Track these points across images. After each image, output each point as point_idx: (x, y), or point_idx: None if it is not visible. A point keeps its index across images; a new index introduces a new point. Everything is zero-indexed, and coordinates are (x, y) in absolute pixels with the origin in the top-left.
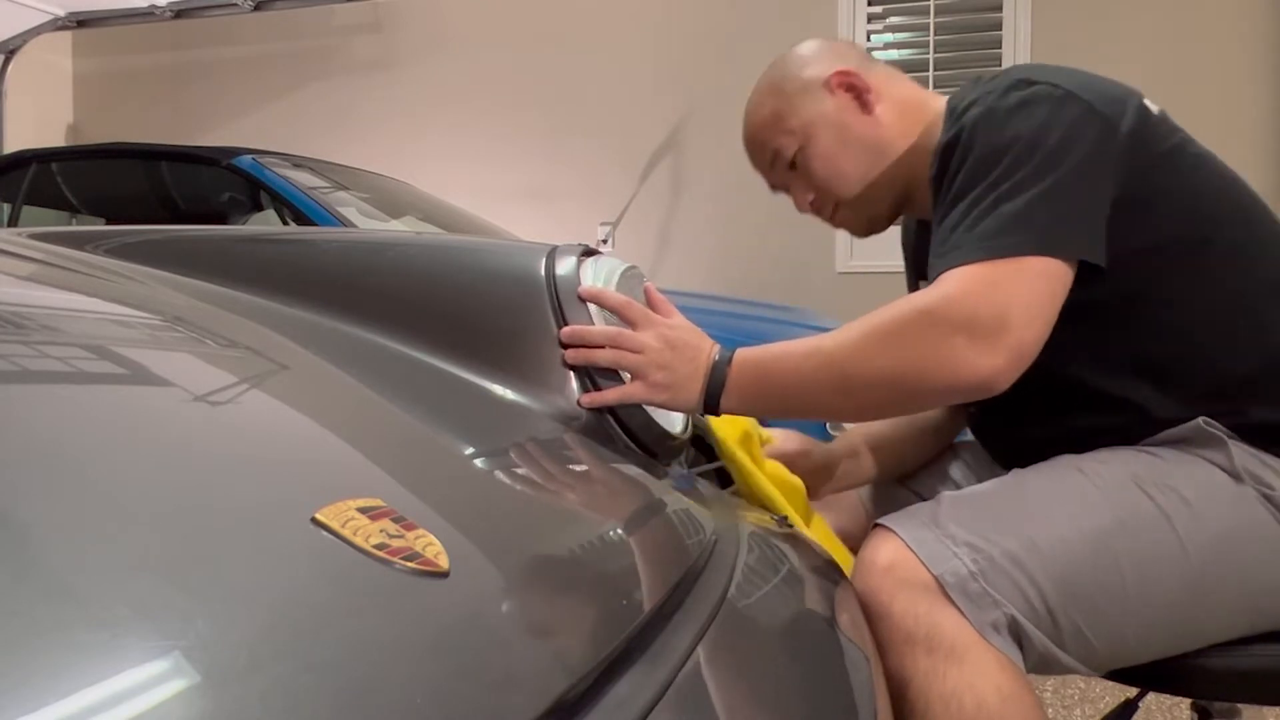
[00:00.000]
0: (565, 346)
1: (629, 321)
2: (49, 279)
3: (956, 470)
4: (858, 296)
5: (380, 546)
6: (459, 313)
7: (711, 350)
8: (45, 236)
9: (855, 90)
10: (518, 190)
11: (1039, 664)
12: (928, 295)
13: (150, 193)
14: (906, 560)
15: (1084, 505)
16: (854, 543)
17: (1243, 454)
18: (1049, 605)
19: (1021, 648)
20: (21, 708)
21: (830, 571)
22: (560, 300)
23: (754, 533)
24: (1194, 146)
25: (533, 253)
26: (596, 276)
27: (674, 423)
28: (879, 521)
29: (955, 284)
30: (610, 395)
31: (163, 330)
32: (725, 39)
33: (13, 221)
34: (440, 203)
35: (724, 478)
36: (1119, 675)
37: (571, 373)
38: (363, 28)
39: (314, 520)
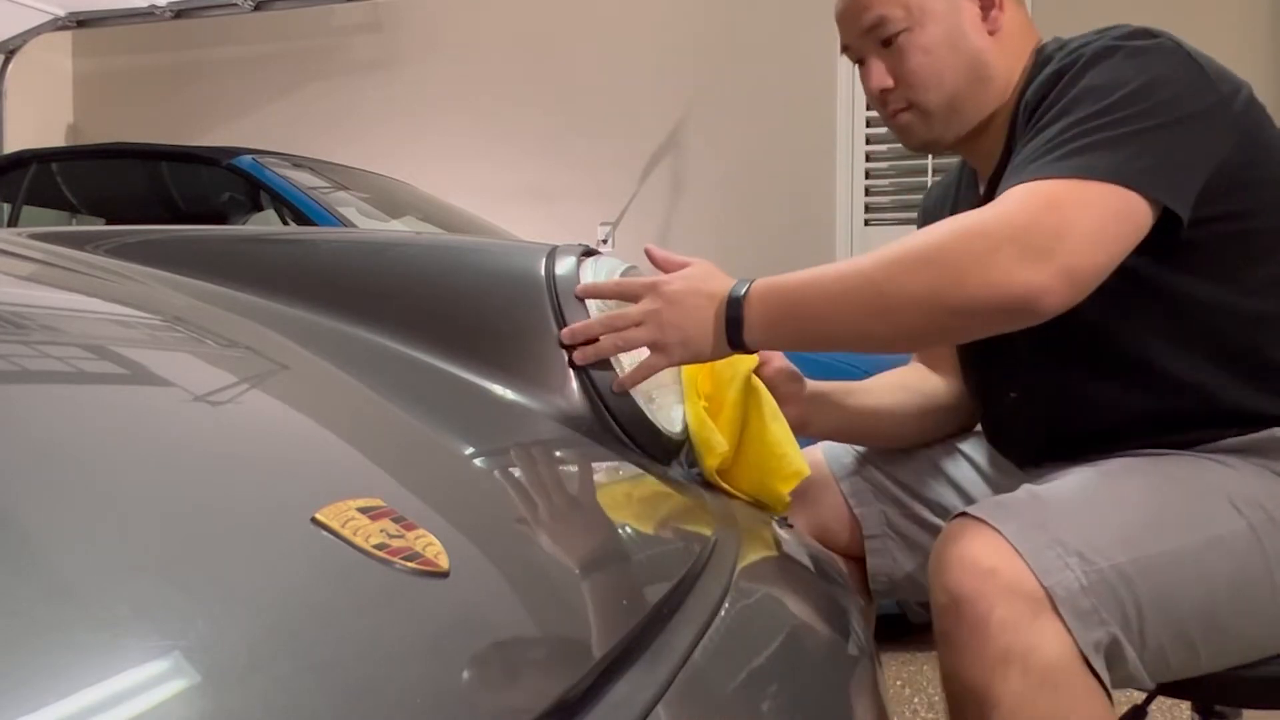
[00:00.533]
0: (569, 349)
1: (629, 299)
2: (49, 279)
3: (954, 466)
4: None
5: (380, 546)
6: (459, 313)
7: (725, 288)
8: (45, 236)
9: (988, 4)
10: (518, 190)
11: (1119, 682)
12: (980, 210)
13: (150, 193)
14: (1013, 565)
15: (1188, 521)
16: (832, 538)
17: None
18: (1143, 623)
19: (1110, 668)
20: (21, 708)
21: (831, 571)
22: (560, 300)
23: (754, 533)
24: None
25: (533, 253)
26: (596, 276)
27: (674, 422)
28: (971, 513)
29: (1014, 198)
30: (635, 375)
31: (163, 330)
32: (725, 39)
33: (13, 221)
34: (440, 203)
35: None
36: (1165, 688)
37: (572, 372)
38: (363, 28)
39: (314, 520)
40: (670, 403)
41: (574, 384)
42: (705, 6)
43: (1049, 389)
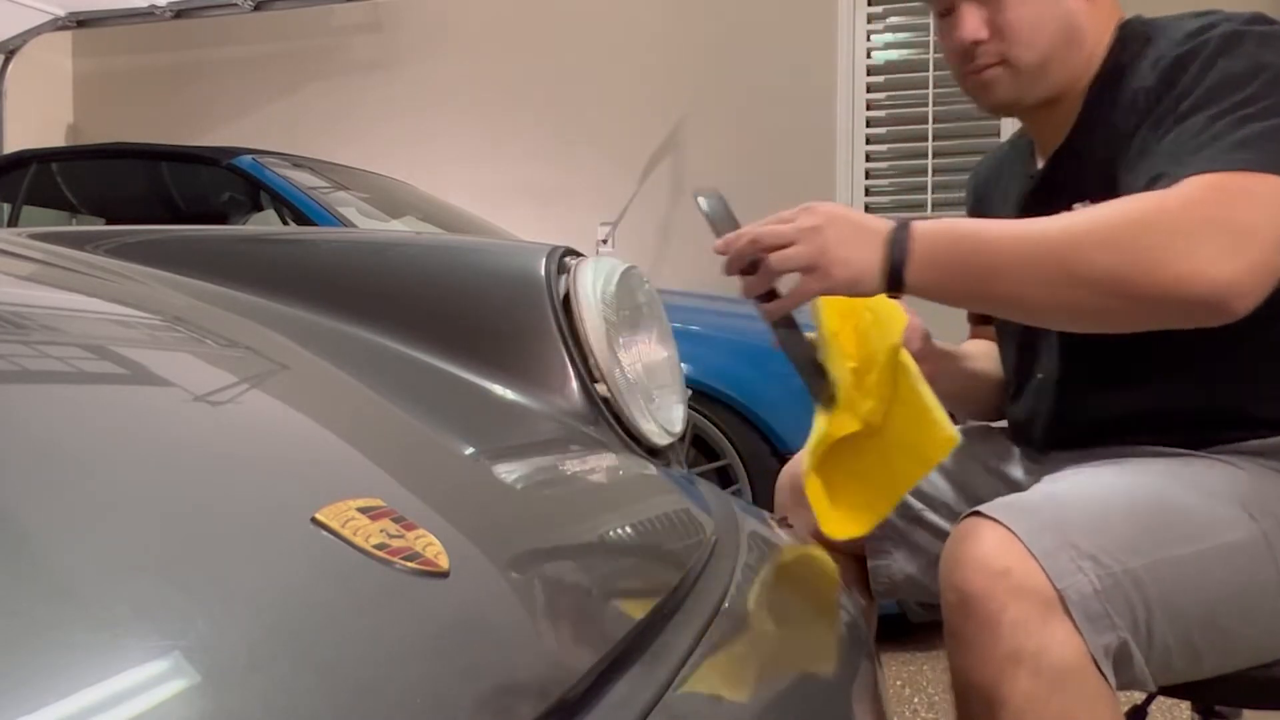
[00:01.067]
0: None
1: (769, 231)
2: (49, 279)
3: (955, 464)
4: None
5: (380, 546)
6: (459, 313)
7: (883, 223)
8: (45, 236)
9: None
10: (518, 190)
11: (1124, 684)
12: (1169, 193)
13: (150, 193)
14: (1025, 566)
15: (1201, 526)
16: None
17: None
18: (1151, 628)
19: (1116, 671)
20: (21, 708)
21: (831, 571)
22: (555, 302)
23: (754, 533)
24: None
25: (533, 253)
26: (597, 277)
27: (674, 422)
28: (984, 512)
29: (1202, 186)
30: (788, 301)
31: (163, 330)
32: (725, 40)
33: (13, 221)
34: (440, 203)
35: (724, 478)
36: (1166, 689)
37: (572, 372)
38: (363, 28)
39: (314, 520)
40: (670, 403)
41: (574, 384)
42: (705, 6)
43: (1081, 372)
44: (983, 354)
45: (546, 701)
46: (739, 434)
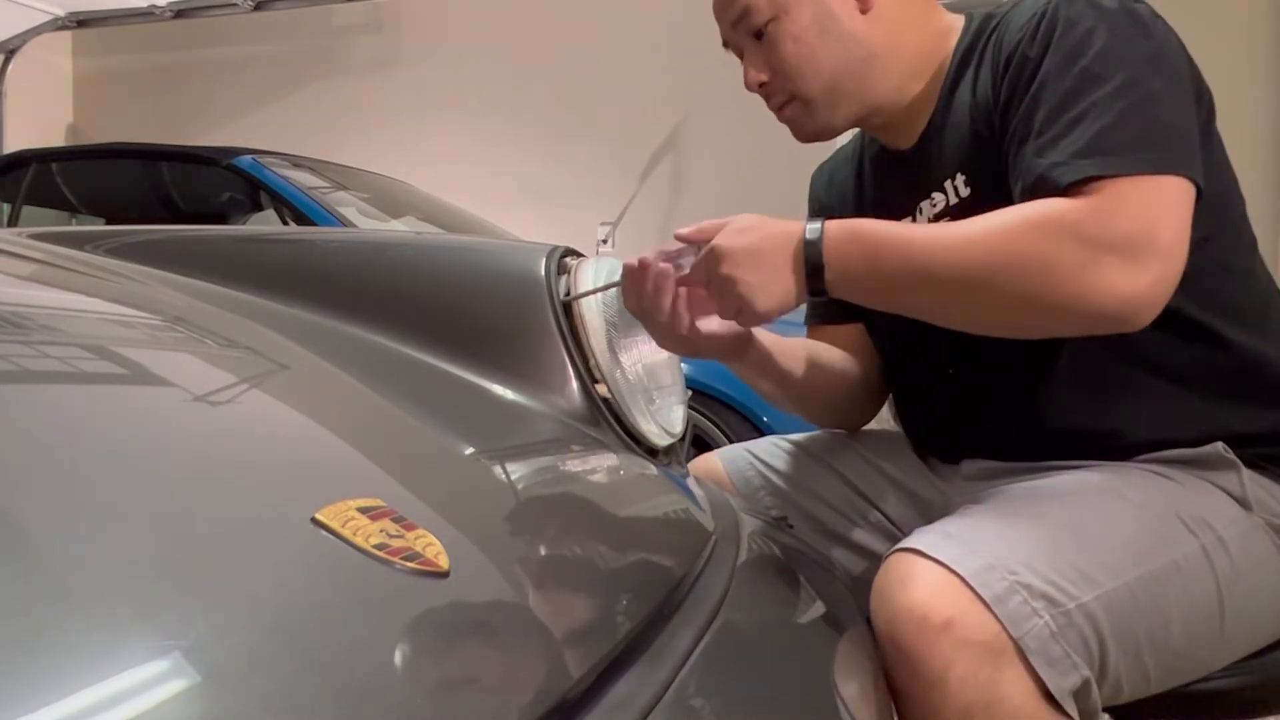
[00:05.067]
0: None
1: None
2: (49, 279)
3: (858, 473)
4: None
5: (380, 546)
6: (459, 313)
7: (793, 229)
8: (45, 236)
9: None
10: (518, 190)
11: (1081, 715)
12: (1075, 206)
13: (150, 193)
14: (971, 615)
15: (1146, 548)
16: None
17: (1252, 481)
18: (1105, 659)
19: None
20: (21, 708)
21: (830, 571)
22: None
23: (754, 533)
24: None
25: (533, 253)
26: (597, 277)
27: (674, 422)
28: (916, 548)
29: (1107, 198)
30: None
31: (163, 330)
32: None
33: (13, 221)
34: (440, 203)
35: None
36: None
37: (572, 372)
38: (363, 28)
39: (314, 520)
40: (671, 403)
41: (574, 384)
42: (705, 6)
43: (999, 370)
44: (827, 357)
45: (546, 701)
46: (739, 434)
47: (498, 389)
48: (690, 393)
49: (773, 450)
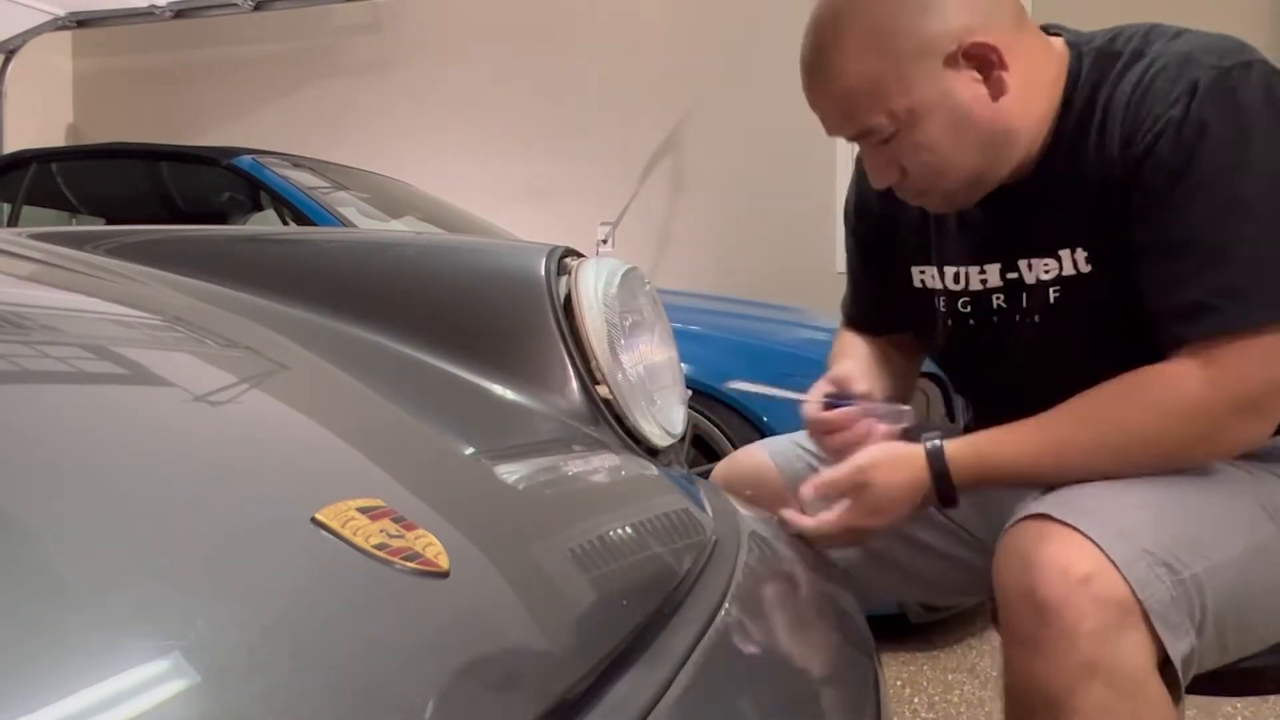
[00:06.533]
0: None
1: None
2: (49, 279)
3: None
4: None
5: (380, 546)
6: (459, 313)
7: (920, 468)
8: (45, 236)
9: (987, 66)
10: (518, 190)
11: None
12: (1207, 379)
13: (150, 193)
14: (1106, 574)
15: (1238, 527)
16: (766, 491)
17: None
18: (1204, 629)
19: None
20: (21, 708)
21: (830, 571)
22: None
23: (754, 533)
24: None
25: (533, 253)
26: (598, 278)
27: (674, 423)
28: (1049, 514)
29: (1237, 359)
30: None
31: (163, 330)
32: (725, 39)
33: (13, 221)
34: (440, 203)
35: None
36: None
37: (572, 372)
38: (362, 28)
39: (314, 520)
40: (672, 404)
41: (574, 384)
42: (705, 7)
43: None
44: (887, 359)
45: (546, 701)
46: (739, 434)
47: (498, 389)
48: (690, 393)
49: None
